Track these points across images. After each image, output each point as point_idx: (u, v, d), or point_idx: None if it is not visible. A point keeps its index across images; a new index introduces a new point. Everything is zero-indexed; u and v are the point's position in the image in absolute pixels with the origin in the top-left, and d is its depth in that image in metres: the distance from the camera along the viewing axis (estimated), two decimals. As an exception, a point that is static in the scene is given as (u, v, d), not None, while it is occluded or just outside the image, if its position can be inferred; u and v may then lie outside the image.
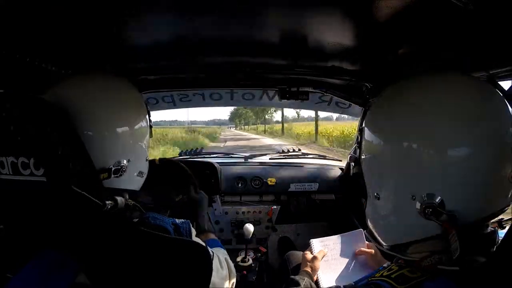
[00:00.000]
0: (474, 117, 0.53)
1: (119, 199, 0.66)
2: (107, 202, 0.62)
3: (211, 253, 0.70)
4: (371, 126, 0.65)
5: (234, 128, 59.37)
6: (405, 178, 0.57)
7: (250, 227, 1.33)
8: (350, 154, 0.85)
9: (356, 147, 0.71)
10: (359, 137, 0.69)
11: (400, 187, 0.58)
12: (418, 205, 0.54)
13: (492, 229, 0.57)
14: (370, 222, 0.68)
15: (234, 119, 57.72)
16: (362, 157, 0.67)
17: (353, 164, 0.75)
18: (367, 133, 0.65)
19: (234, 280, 0.82)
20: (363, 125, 0.67)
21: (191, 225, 0.71)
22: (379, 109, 0.67)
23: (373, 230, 0.67)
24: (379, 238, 0.67)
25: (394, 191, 0.59)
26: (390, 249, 0.64)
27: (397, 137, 0.58)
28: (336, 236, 1.14)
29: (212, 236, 0.95)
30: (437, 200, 0.52)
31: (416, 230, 0.57)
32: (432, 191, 0.53)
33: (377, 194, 0.63)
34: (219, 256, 0.79)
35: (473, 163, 0.51)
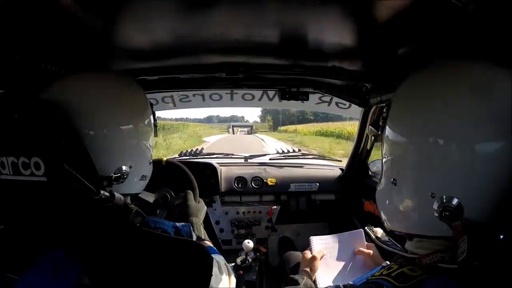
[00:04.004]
0: (507, 110, 0.49)
1: (117, 194, 0.64)
2: (102, 191, 0.60)
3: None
4: (396, 115, 0.62)
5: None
6: (429, 174, 0.54)
7: (249, 244, 1.34)
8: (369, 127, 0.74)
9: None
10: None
11: (422, 181, 0.56)
12: (436, 205, 0.53)
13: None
14: (379, 203, 0.67)
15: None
16: (384, 143, 0.64)
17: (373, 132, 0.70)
18: (391, 121, 0.63)
19: (233, 286, 0.82)
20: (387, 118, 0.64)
21: (191, 228, 0.71)
22: (404, 98, 0.64)
23: (381, 211, 0.66)
24: (386, 220, 0.65)
25: (414, 183, 0.57)
26: (394, 235, 0.63)
27: (422, 131, 0.56)
28: (336, 234, 1.14)
29: (208, 243, 0.95)
30: (454, 203, 0.51)
31: (426, 226, 0.56)
32: (453, 195, 0.51)
33: (394, 179, 0.60)
34: (219, 261, 0.79)
35: (501, 161, 0.50)
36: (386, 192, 0.64)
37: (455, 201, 0.51)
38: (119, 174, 0.67)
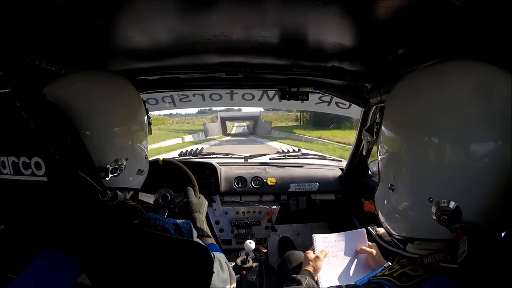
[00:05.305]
0: (501, 110, 0.49)
1: (119, 192, 0.65)
2: (108, 192, 0.61)
3: (212, 255, 0.70)
4: (390, 118, 0.62)
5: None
6: (425, 179, 0.54)
7: (251, 244, 1.34)
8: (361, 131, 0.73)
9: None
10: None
11: (418, 187, 0.55)
12: (434, 209, 0.52)
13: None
14: (378, 207, 0.67)
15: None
16: (379, 147, 0.64)
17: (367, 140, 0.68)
18: (386, 124, 0.62)
19: (234, 284, 0.82)
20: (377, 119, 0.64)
21: (192, 225, 0.71)
22: (398, 99, 0.63)
23: (381, 216, 0.66)
24: (386, 224, 0.66)
25: (411, 189, 0.57)
26: (395, 241, 0.63)
27: (417, 131, 0.55)
28: (338, 233, 1.14)
29: (211, 240, 0.94)
30: (452, 206, 0.50)
31: (425, 229, 0.56)
32: (450, 198, 0.51)
33: (391, 185, 0.60)
34: (220, 259, 0.79)
35: (496, 161, 0.49)
36: (384, 197, 0.64)
37: (452, 204, 0.51)
38: (116, 166, 0.68)
